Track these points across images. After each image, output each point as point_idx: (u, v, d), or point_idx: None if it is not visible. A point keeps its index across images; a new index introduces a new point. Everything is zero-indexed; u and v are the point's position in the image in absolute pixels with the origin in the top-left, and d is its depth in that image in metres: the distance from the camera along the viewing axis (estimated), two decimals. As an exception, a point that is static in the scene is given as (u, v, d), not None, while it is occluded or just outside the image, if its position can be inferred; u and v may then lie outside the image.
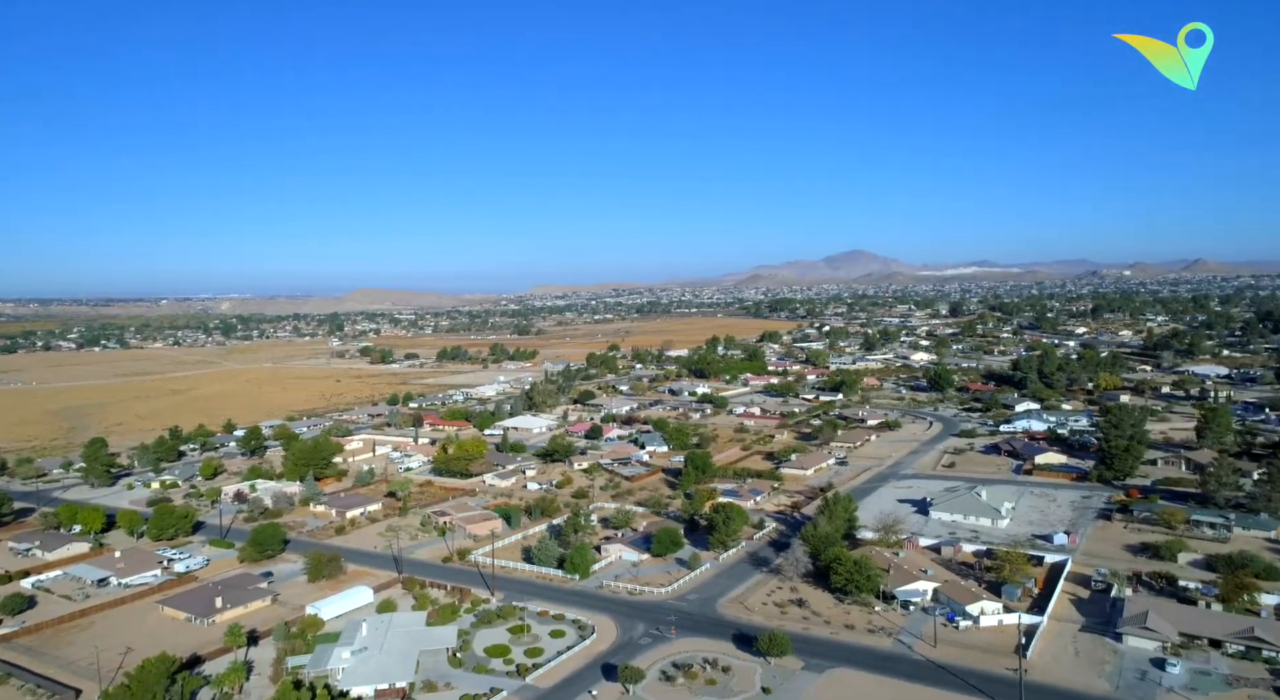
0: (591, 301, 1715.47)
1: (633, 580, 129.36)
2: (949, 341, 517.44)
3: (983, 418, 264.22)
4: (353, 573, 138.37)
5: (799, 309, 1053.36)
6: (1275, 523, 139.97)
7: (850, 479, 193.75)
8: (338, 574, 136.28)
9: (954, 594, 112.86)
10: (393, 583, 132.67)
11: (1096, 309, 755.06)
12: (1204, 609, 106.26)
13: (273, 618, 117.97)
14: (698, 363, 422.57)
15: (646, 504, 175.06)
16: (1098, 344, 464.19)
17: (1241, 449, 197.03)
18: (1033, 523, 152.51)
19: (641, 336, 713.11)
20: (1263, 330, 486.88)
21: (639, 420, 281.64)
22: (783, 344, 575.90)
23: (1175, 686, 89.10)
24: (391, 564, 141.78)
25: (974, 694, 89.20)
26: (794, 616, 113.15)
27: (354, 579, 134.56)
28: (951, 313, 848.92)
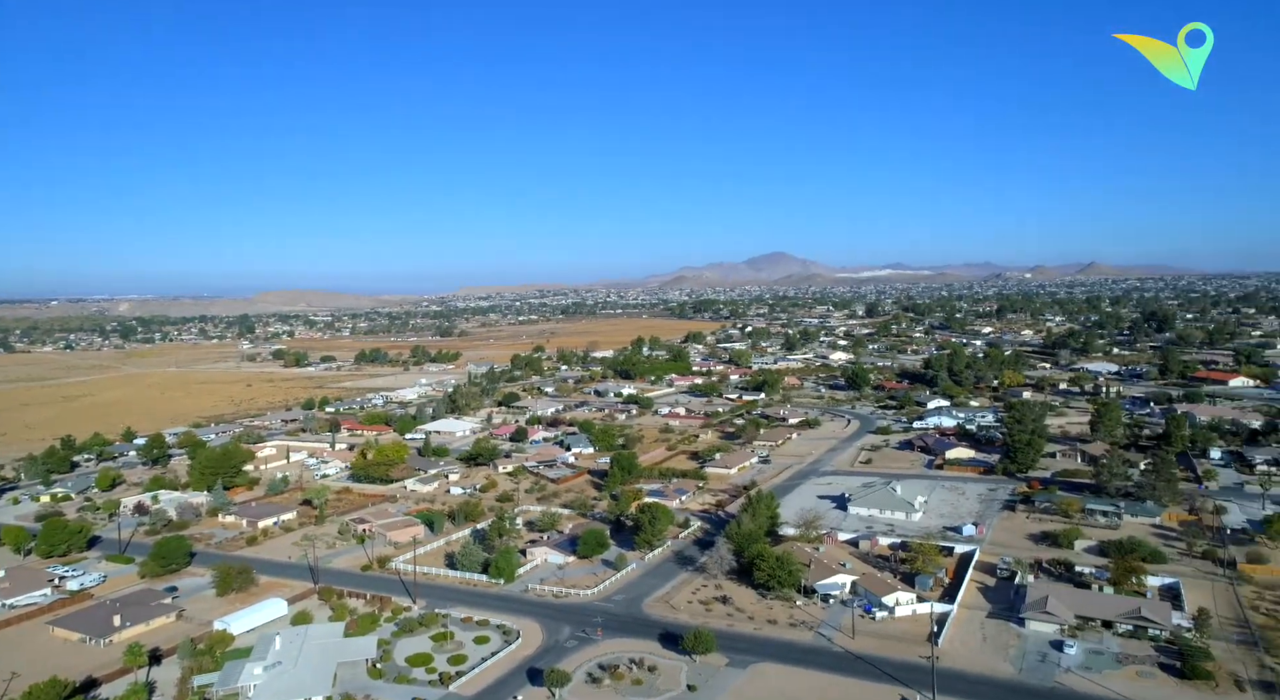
0: (516, 303, 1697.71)
1: (559, 583, 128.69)
2: (865, 341, 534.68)
3: (897, 415, 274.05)
4: (265, 585, 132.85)
5: (722, 310, 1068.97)
6: (1160, 510, 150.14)
7: (773, 477, 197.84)
8: (249, 586, 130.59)
9: (871, 586, 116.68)
10: (308, 594, 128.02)
11: (1001, 310, 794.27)
12: (1097, 592, 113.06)
13: (177, 635, 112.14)
14: (623, 364, 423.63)
15: (572, 506, 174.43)
16: (1002, 343, 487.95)
17: (1130, 441, 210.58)
18: (944, 515, 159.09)
19: (567, 338, 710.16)
20: (1148, 330, 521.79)
21: (564, 422, 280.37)
22: (707, 344, 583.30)
23: (1072, 666, 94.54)
24: (307, 574, 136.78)
25: (890, 683, 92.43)
26: (719, 613, 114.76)
27: (267, 591, 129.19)
28: (867, 313, 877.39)
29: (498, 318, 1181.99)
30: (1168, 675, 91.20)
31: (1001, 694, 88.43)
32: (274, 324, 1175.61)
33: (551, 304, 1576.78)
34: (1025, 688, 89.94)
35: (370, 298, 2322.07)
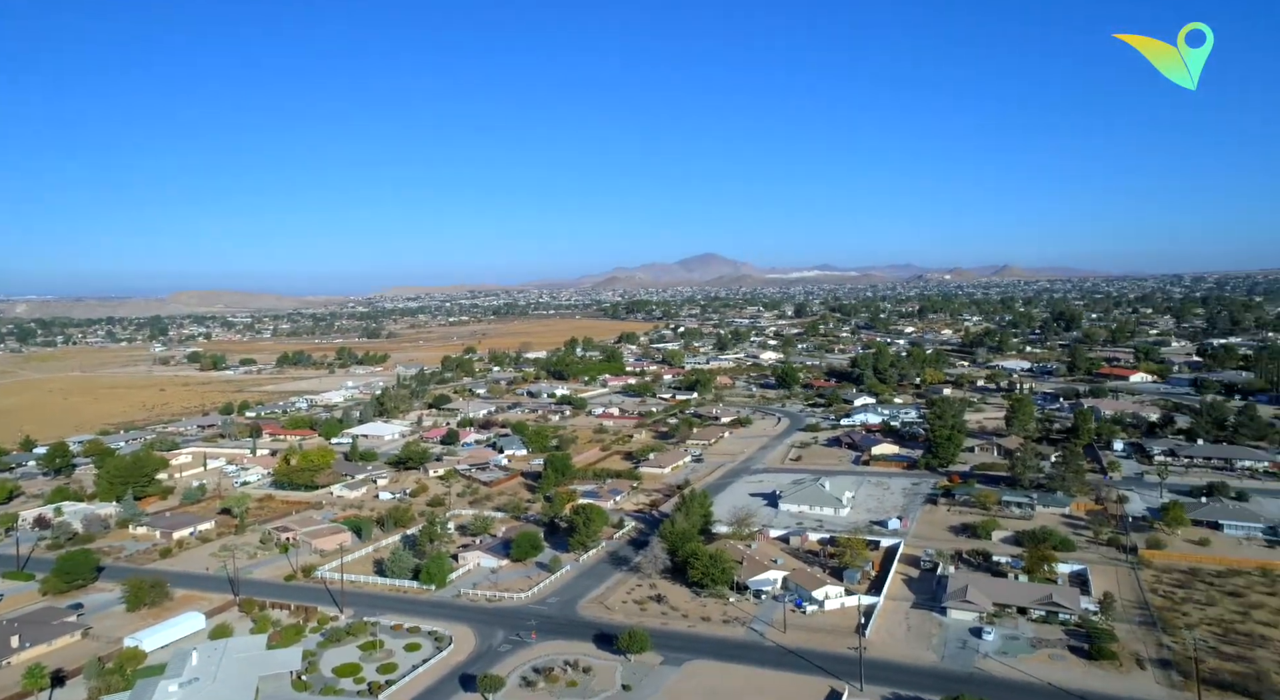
0: (446, 303, 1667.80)
1: (492, 587, 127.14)
2: (795, 341, 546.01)
3: (826, 412, 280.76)
4: (181, 598, 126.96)
5: (655, 310, 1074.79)
6: (1069, 500, 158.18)
7: (706, 475, 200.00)
8: (163, 601, 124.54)
9: (801, 581, 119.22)
10: (228, 606, 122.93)
11: (922, 310, 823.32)
12: (1013, 581, 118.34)
13: (84, 654, 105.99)
14: (556, 364, 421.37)
15: (506, 509, 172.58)
16: (924, 342, 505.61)
17: (1042, 435, 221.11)
18: (870, 510, 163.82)
19: (499, 339, 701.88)
20: (1057, 329, 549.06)
21: (497, 424, 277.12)
22: (640, 345, 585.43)
23: (990, 652, 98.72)
24: (227, 586, 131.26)
25: (820, 675, 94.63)
26: (653, 613, 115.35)
27: (182, 605, 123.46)
28: (796, 314, 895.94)
29: (427, 319, 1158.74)
30: (1077, 657, 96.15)
31: (925, 681, 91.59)
32: (189, 325, 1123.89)
33: (483, 305, 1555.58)
34: (947, 674, 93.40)
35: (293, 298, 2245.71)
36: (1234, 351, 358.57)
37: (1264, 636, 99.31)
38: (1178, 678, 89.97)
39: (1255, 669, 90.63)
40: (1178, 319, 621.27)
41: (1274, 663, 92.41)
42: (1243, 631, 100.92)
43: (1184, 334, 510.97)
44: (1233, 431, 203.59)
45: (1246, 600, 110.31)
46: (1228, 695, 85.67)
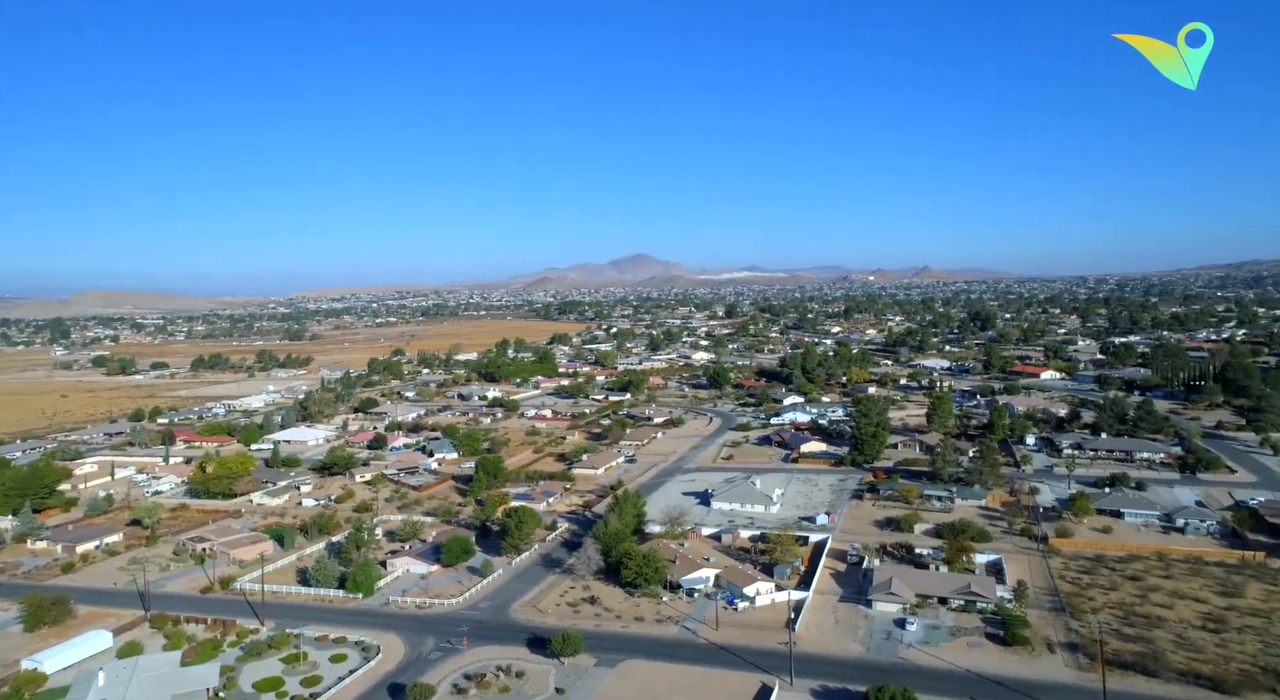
0: (373, 304, 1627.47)
1: (421, 593, 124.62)
2: (726, 341, 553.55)
3: (756, 412, 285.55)
4: (86, 616, 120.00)
5: (587, 311, 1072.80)
6: (985, 492, 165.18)
7: (639, 476, 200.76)
8: (65, 619, 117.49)
9: (733, 578, 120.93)
10: (138, 622, 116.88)
11: (848, 310, 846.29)
12: (934, 572, 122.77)
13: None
14: (488, 366, 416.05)
15: (436, 513, 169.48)
16: (850, 342, 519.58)
17: (960, 431, 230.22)
18: (799, 506, 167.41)
19: (428, 340, 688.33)
20: (974, 328, 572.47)
21: (427, 427, 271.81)
22: (573, 346, 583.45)
23: (913, 642, 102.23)
24: (137, 601, 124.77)
25: (752, 670, 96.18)
26: (587, 614, 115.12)
27: (87, 623, 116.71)
28: (727, 314, 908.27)
29: (353, 320, 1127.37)
30: (993, 644, 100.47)
31: (852, 672, 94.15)
32: (94, 328, 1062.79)
33: (411, 305, 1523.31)
34: (873, 665, 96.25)
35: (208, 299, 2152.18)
36: (1133, 349, 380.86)
37: (1160, 617, 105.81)
38: (1084, 660, 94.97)
39: (1153, 649, 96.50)
40: (1083, 319, 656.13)
41: (1170, 642, 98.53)
42: (1141, 613, 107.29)
43: (1089, 333, 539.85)
44: (1133, 425, 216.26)
45: (1145, 583, 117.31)
46: (1129, 675, 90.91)
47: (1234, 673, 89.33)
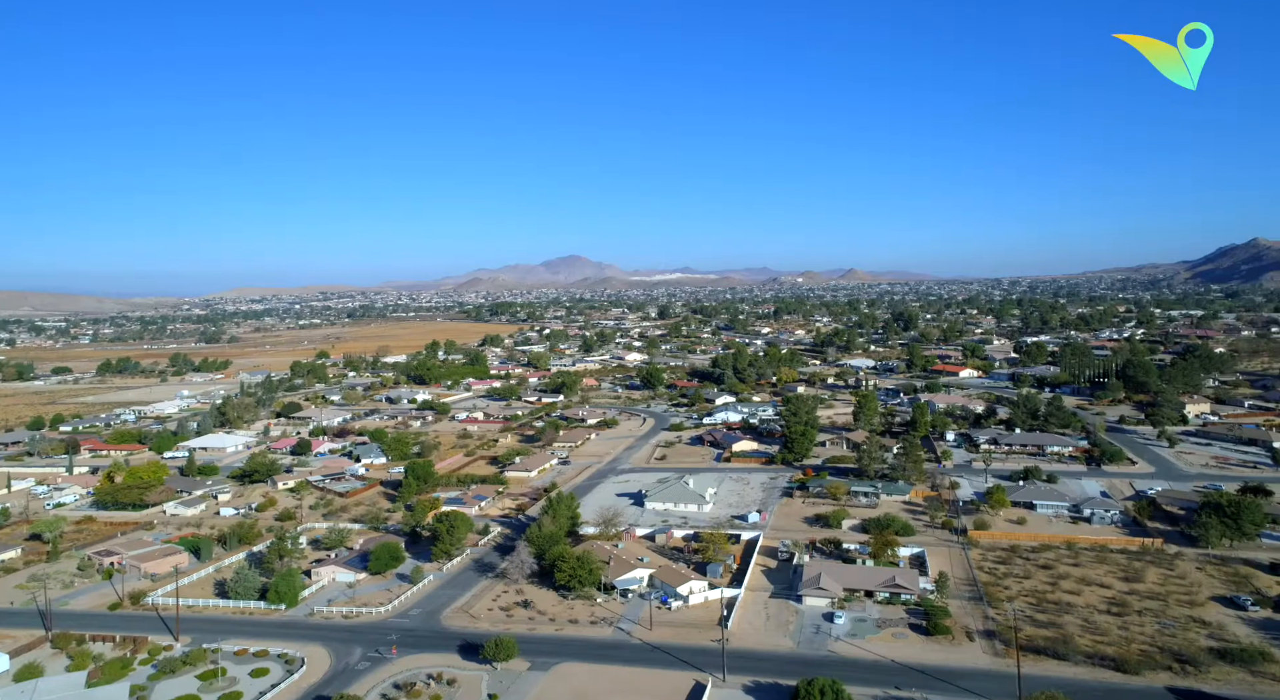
0: (295, 305, 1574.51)
1: (348, 603, 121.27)
2: (659, 342, 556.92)
3: (689, 412, 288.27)
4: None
5: (520, 312, 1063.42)
6: (909, 488, 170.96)
7: (572, 477, 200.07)
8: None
9: (667, 578, 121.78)
10: (38, 642, 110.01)
11: (777, 311, 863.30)
12: (861, 566, 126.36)
13: None
14: (417, 368, 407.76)
15: (364, 520, 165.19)
16: (779, 342, 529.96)
17: (885, 428, 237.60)
18: (732, 505, 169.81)
19: (355, 342, 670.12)
20: (897, 329, 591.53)
21: (353, 432, 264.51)
22: (505, 347, 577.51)
23: (841, 635, 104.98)
24: (37, 620, 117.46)
25: (686, 668, 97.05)
26: (520, 618, 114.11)
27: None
28: (660, 315, 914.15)
29: (274, 322, 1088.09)
30: (916, 634, 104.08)
31: (782, 667, 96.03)
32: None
33: (337, 307, 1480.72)
34: (802, 659, 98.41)
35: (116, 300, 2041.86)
36: (1044, 349, 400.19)
37: (1070, 603, 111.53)
38: (1000, 646, 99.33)
39: (1062, 633, 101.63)
40: (998, 319, 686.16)
41: (1078, 627, 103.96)
42: (1052, 600, 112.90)
43: (1003, 333, 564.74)
44: (1044, 421, 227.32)
45: (1055, 571, 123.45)
46: (1041, 659, 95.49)
47: (1134, 653, 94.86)
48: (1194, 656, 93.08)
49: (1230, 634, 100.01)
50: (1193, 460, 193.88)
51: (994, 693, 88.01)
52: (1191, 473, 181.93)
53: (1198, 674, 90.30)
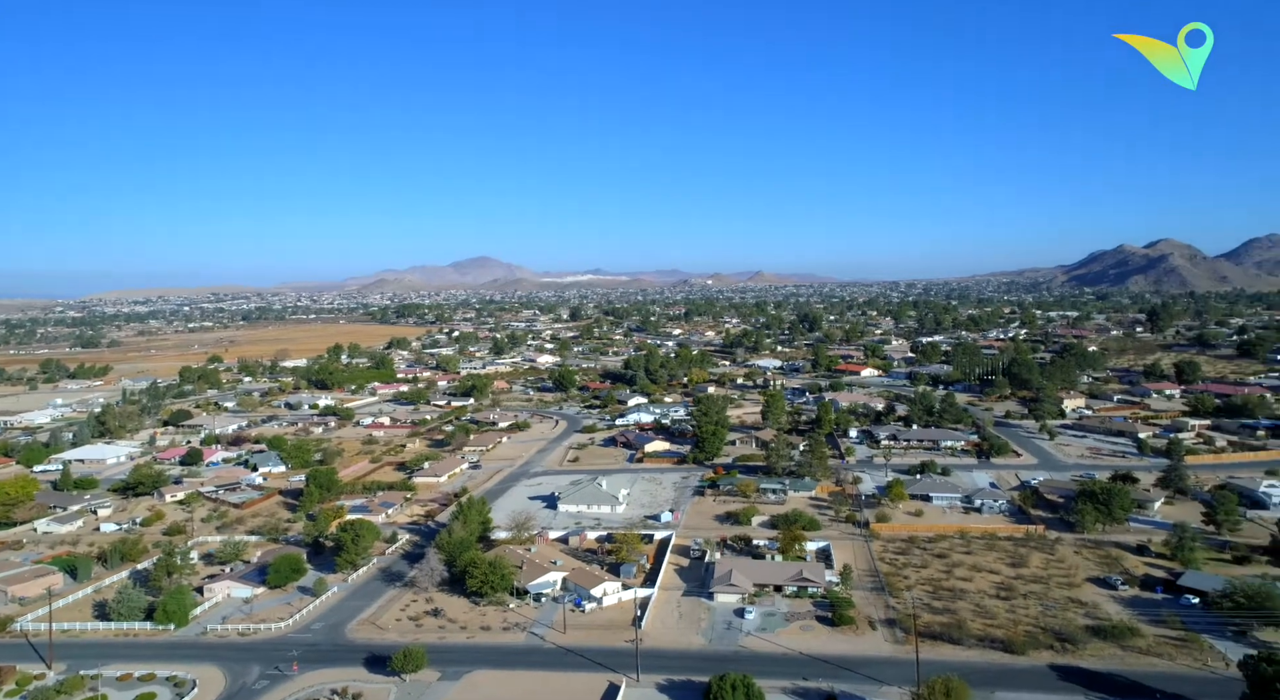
0: (185, 308, 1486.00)
1: (245, 619, 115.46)
2: (570, 344, 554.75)
3: (602, 413, 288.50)
4: None
5: (427, 314, 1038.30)
6: (815, 484, 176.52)
7: (484, 482, 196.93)
8: None
9: (580, 580, 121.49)
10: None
11: (688, 313, 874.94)
12: (770, 561, 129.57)
13: None
14: (319, 373, 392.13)
15: (262, 531, 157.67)
16: (690, 343, 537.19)
17: (792, 426, 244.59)
18: (645, 505, 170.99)
19: (250, 346, 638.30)
20: (802, 329, 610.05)
21: (250, 439, 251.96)
22: (412, 350, 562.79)
23: (751, 630, 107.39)
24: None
25: (600, 670, 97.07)
26: (430, 627, 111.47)
27: None
28: (572, 317, 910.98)
29: (161, 325, 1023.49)
30: (823, 626, 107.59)
31: (695, 664, 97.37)
32: None
33: (231, 309, 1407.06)
34: (714, 655, 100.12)
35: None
36: (938, 348, 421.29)
37: (963, 590, 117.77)
38: (901, 634, 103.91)
39: (957, 619, 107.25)
40: (896, 320, 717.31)
41: (970, 612, 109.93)
42: (947, 587, 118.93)
43: (901, 333, 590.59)
44: (938, 416, 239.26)
45: (950, 560, 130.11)
46: (938, 644, 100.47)
47: (1021, 635, 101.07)
48: (1072, 635, 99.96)
49: (1103, 612, 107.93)
50: (1070, 451, 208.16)
51: (895, 679, 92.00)
52: (1069, 463, 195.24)
53: (1076, 651, 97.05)
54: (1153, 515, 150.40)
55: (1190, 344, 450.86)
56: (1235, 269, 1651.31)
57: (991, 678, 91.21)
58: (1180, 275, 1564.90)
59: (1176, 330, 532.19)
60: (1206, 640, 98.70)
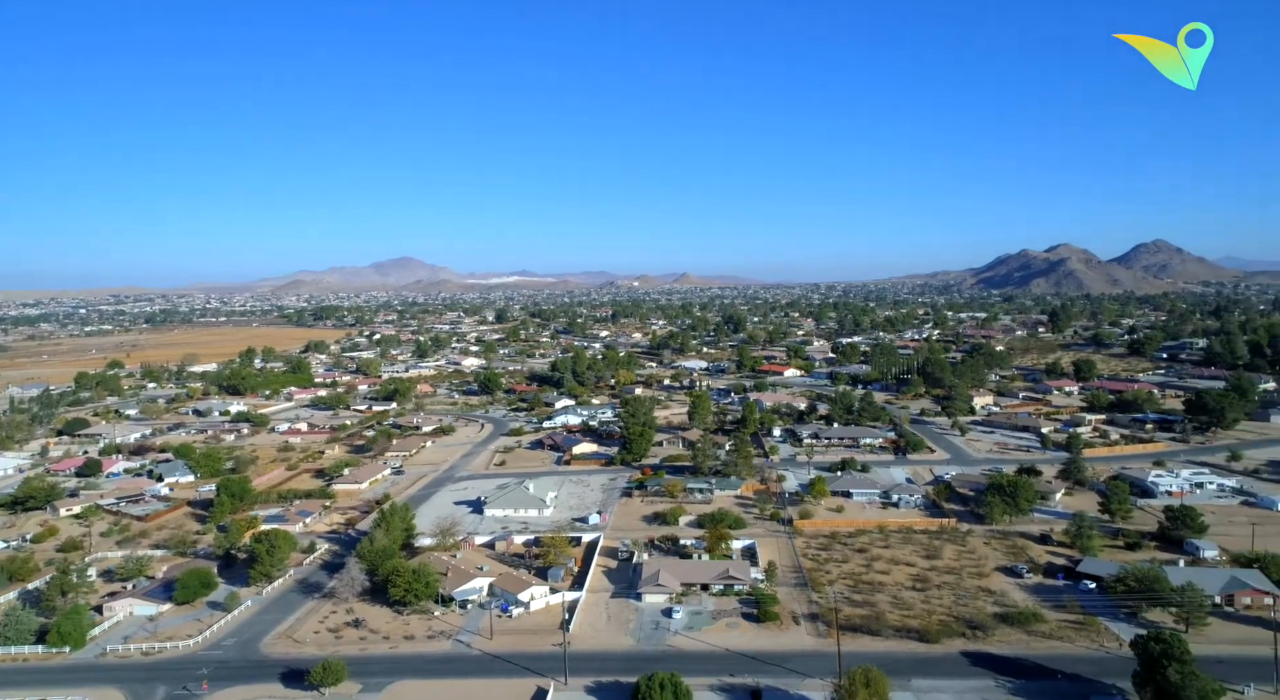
0: (81, 310, 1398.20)
1: (149, 638, 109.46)
2: (496, 346, 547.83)
3: (529, 416, 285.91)
4: None
5: (347, 317, 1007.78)
6: (740, 482, 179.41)
7: (407, 487, 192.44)
8: None
9: (507, 585, 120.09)
10: None
11: (615, 315, 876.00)
12: (697, 560, 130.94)
13: None
14: (230, 378, 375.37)
15: (168, 545, 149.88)
16: (617, 345, 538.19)
17: (718, 426, 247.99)
18: (572, 507, 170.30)
19: (155, 350, 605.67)
20: (727, 331, 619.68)
21: (154, 448, 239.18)
22: (331, 354, 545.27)
23: (678, 629, 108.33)
24: None
25: (527, 675, 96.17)
26: (351, 639, 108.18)
27: None
28: (497, 319, 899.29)
29: (54, 329, 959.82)
30: (749, 622, 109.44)
31: (623, 665, 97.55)
32: None
33: (133, 311, 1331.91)
34: (642, 655, 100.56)
35: None
36: (857, 349, 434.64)
37: (881, 583, 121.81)
38: (823, 627, 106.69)
39: (876, 611, 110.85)
40: (817, 322, 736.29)
41: (888, 603, 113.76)
42: (867, 580, 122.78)
43: (822, 334, 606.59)
44: (858, 415, 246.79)
45: (869, 554, 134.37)
46: (858, 636, 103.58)
47: (935, 624, 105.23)
48: (982, 622, 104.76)
49: (1010, 600, 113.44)
50: (980, 447, 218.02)
51: (818, 671, 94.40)
52: (979, 458, 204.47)
53: (985, 637, 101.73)
54: (1054, 506, 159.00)
55: (1087, 343, 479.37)
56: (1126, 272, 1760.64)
57: (908, 666, 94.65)
58: (1078, 278, 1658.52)
59: (1075, 330, 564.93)
60: (1102, 622, 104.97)
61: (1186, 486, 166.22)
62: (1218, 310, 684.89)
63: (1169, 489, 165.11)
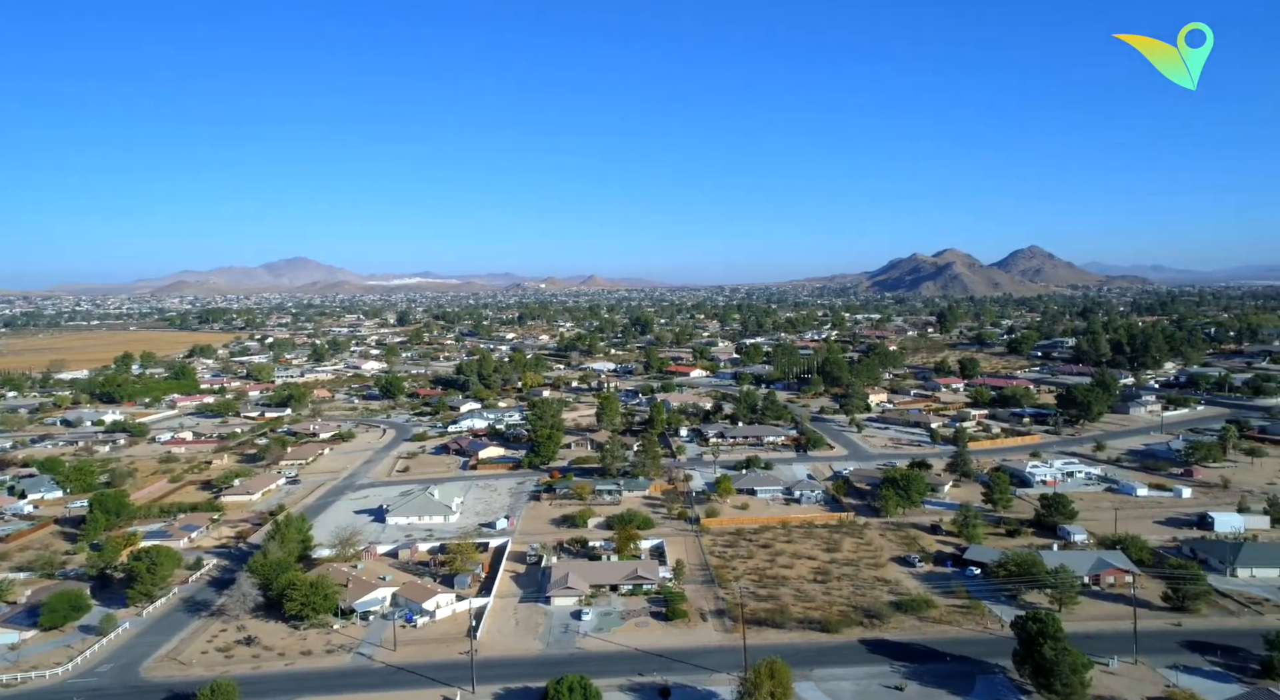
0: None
1: (11, 668, 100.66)
2: (399, 350, 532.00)
3: (433, 420, 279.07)
4: None
5: (236, 320, 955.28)
6: (649, 483, 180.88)
7: (303, 497, 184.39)
8: None
9: (412, 594, 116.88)
10: None
11: (522, 317, 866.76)
12: (606, 562, 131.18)
13: None
14: (104, 385, 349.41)
15: (33, 567, 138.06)
16: (524, 347, 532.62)
17: (626, 427, 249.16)
18: (479, 513, 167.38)
19: (15, 356, 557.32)
20: (635, 332, 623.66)
21: (15, 462, 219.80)
22: (219, 359, 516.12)
23: (588, 631, 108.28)
24: None
25: (432, 686, 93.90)
26: (243, 657, 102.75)
27: None
28: (399, 321, 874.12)
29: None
30: (658, 621, 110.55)
31: (532, 670, 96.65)
32: None
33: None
34: (551, 659, 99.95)
35: None
36: (760, 349, 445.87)
37: (784, 577, 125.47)
38: (730, 623, 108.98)
39: (780, 604, 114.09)
40: (722, 323, 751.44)
41: (791, 597, 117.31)
42: (771, 575, 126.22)
43: (727, 335, 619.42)
44: (761, 414, 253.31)
45: (773, 549, 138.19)
46: (763, 630, 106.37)
47: (835, 615, 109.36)
48: (879, 611, 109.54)
49: (904, 588, 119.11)
50: (875, 442, 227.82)
51: (725, 666, 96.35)
52: (875, 453, 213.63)
53: (882, 625, 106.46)
54: (943, 497, 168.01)
55: (971, 342, 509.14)
56: (1005, 276, 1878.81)
57: (811, 656, 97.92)
58: (963, 282, 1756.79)
59: (960, 330, 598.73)
60: (986, 606, 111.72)
61: (1059, 476, 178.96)
62: (1084, 311, 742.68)
63: (1044, 478, 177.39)
